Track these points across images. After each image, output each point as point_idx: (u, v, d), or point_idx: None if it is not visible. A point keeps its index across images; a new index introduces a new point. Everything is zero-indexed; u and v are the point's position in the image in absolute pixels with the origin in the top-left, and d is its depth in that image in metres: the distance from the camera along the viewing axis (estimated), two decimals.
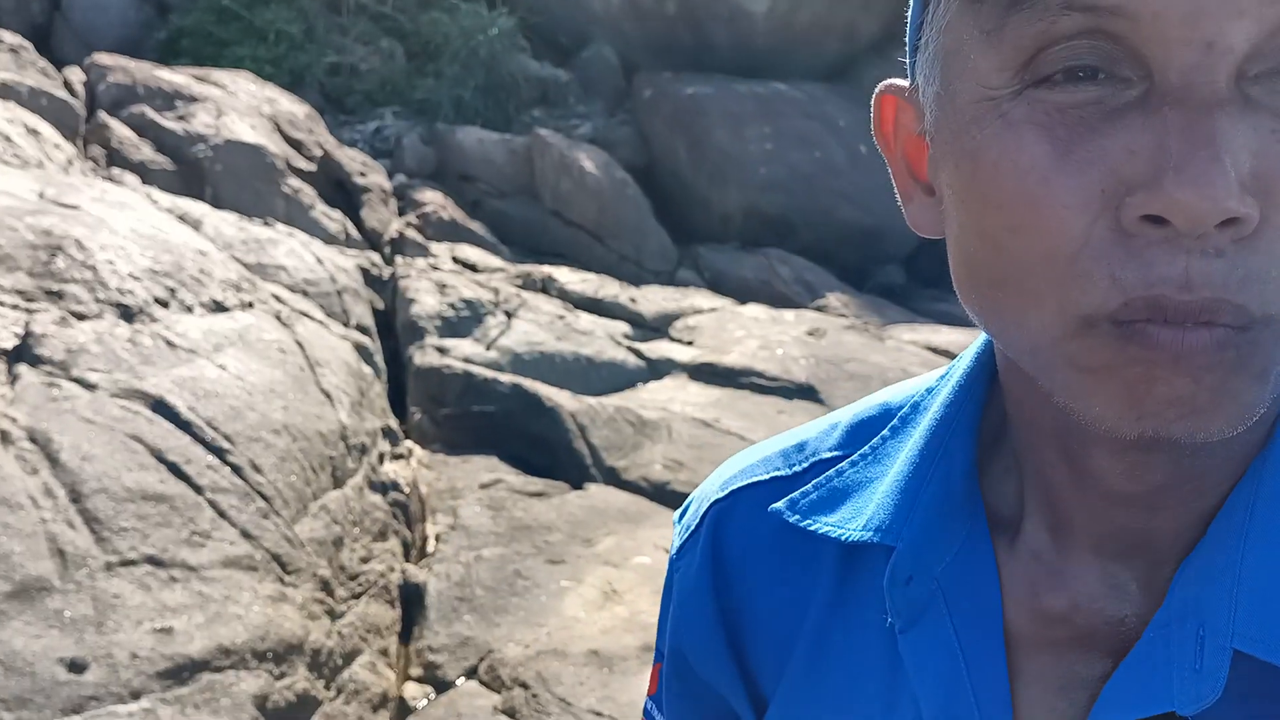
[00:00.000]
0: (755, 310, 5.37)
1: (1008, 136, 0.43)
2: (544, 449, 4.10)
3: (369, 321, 4.59)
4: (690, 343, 5.02)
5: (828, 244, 6.91)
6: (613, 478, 3.97)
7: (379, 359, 4.33)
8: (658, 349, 4.92)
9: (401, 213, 6.27)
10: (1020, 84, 0.43)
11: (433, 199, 6.37)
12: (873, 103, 0.53)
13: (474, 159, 6.81)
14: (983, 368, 0.57)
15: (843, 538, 0.57)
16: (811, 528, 0.58)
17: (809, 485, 0.60)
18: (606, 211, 6.57)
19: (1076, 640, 0.52)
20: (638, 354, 4.85)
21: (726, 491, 0.64)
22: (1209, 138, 0.39)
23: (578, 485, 3.90)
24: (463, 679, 2.83)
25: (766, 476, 0.63)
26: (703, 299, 5.58)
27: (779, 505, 0.60)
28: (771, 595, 0.61)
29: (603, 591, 3.26)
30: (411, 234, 5.95)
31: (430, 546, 3.43)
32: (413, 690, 2.80)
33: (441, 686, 2.80)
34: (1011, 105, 0.43)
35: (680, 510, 0.69)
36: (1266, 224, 0.40)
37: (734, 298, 5.95)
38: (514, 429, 4.17)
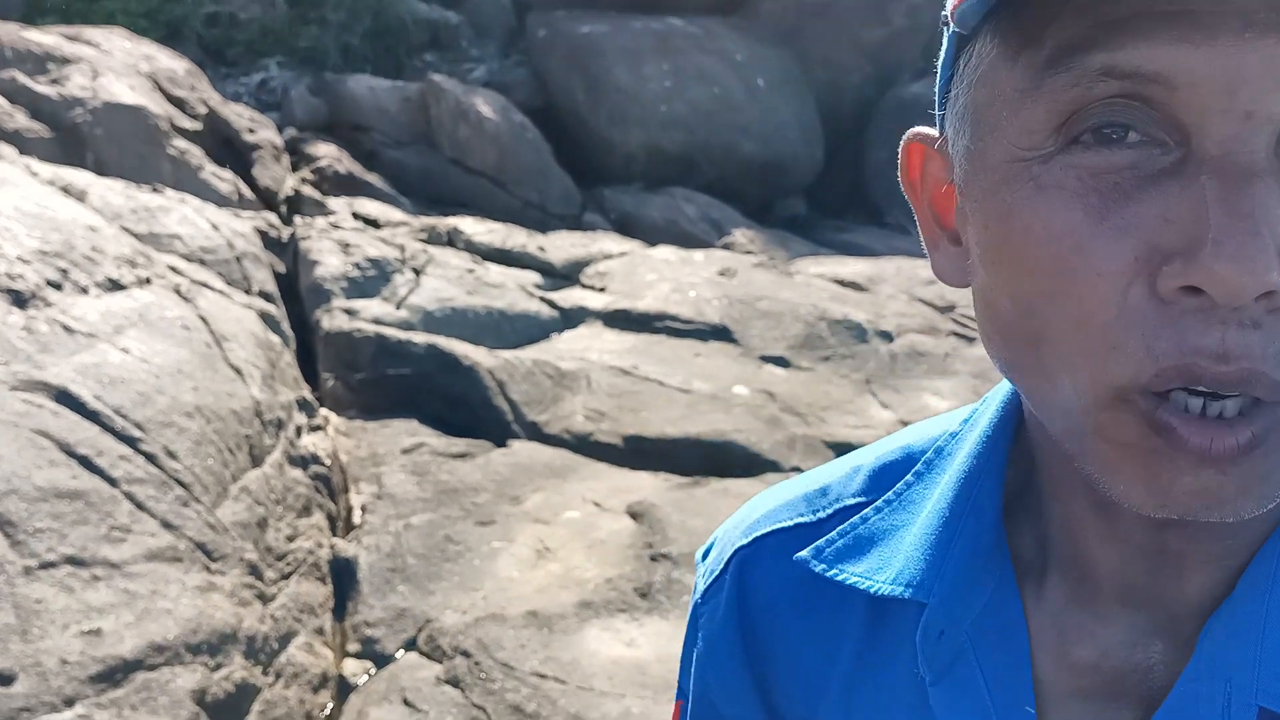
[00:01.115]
0: (665, 252, 5.36)
1: (1040, 201, 0.43)
2: (464, 408, 4.06)
3: (272, 287, 4.46)
4: (603, 289, 4.99)
5: (731, 180, 6.92)
6: (535, 433, 3.96)
7: (286, 326, 4.22)
8: (570, 297, 4.89)
9: (295, 168, 6.07)
10: (1054, 146, 0.43)
11: (327, 152, 6.18)
12: (900, 150, 0.53)
13: (366, 108, 6.62)
14: (1008, 417, 0.57)
15: (872, 590, 0.57)
16: (839, 578, 0.59)
17: (834, 533, 0.60)
18: (507, 157, 6.46)
19: (1105, 689, 0.53)
20: (551, 304, 4.82)
21: (751, 538, 0.64)
22: (1248, 210, 0.39)
23: (501, 443, 3.88)
24: (402, 651, 2.82)
25: (791, 523, 0.63)
26: (611, 243, 5.55)
27: (804, 554, 0.60)
28: (799, 643, 0.61)
29: (535, 550, 3.26)
30: (308, 190, 5.77)
31: (357, 518, 3.38)
32: (352, 667, 2.78)
33: (381, 661, 2.79)
34: (1044, 169, 0.43)
35: (702, 550, 0.69)
36: None
37: (642, 239, 5.93)
38: (431, 390, 4.11)
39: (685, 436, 3.86)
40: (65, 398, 2.75)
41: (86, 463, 2.61)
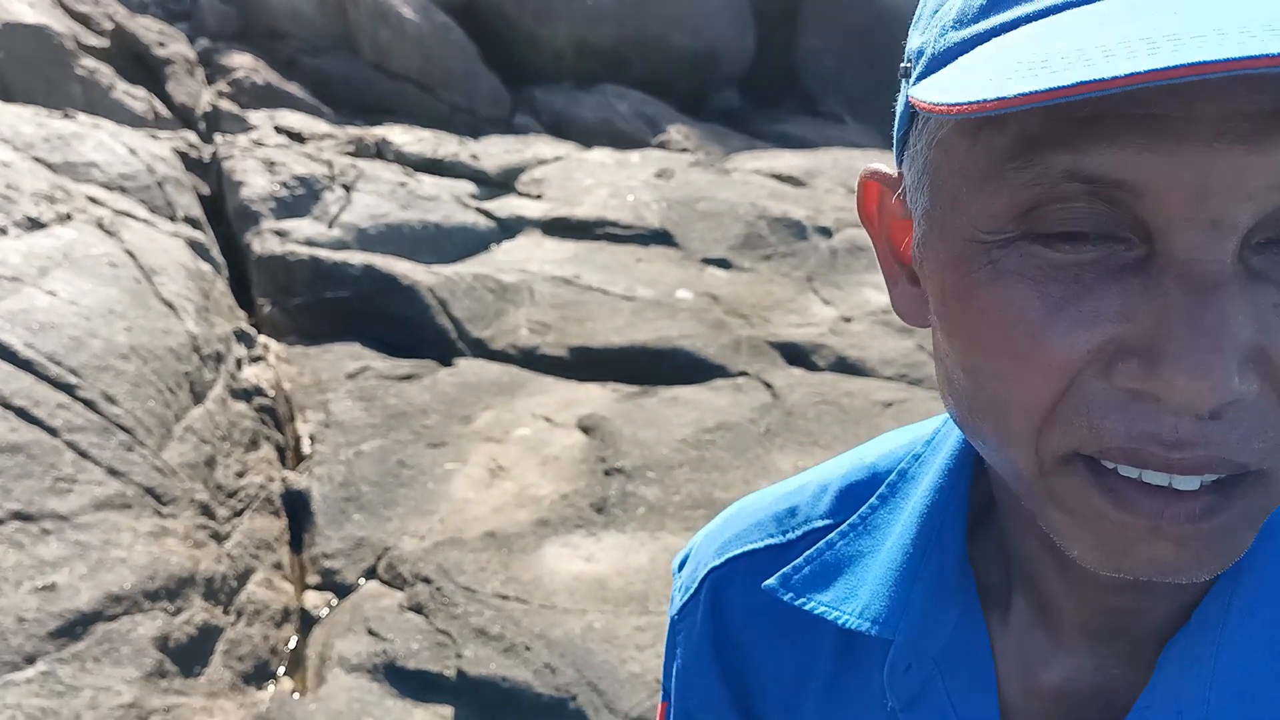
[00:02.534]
0: (601, 155, 5.28)
1: (997, 286, 0.42)
2: (406, 328, 4.01)
3: (198, 212, 4.33)
4: (539, 196, 4.92)
5: (662, 74, 6.79)
6: (481, 349, 3.93)
7: (216, 253, 4.11)
8: (507, 206, 4.81)
9: (210, 81, 5.84)
10: (1014, 232, 0.41)
11: (243, 63, 5.95)
12: (857, 184, 0.52)
13: (281, 13, 6.35)
14: (970, 449, 0.57)
15: (840, 622, 0.58)
16: (806, 607, 0.59)
17: (800, 559, 0.61)
18: (432, 60, 6.27)
19: (1069, 714, 0.54)
20: (487, 214, 4.74)
21: (723, 559, 0.65)
22: (1211, 325, 0.38)
23: (446, 362, 3.85)
24: (363, 580, 2.83)
25: (761, 545, 0.64)
26: (545, 146, 5.45)
27: (772, 582, 0.61)
28: (774, 664, 0.62)
29: (488, 469, 3.27)
30: (226, 105, 5.56)
31: (306, 448, 3.36)
32: (313, 599, 2.79)
33: (342, 591, 2.80)
34: (1003, 253, 0.42)
35: (679, 560, 0.70)
36: (1267, 387, 0.40)
37: (576, 141, 5.83)
38: (372, 311, 4.05)
39: (631, 345, 3.86)
40: None
41: (24, 414, 2.55)
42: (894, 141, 0.49)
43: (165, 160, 4.37)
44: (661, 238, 4.61)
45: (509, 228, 4.68)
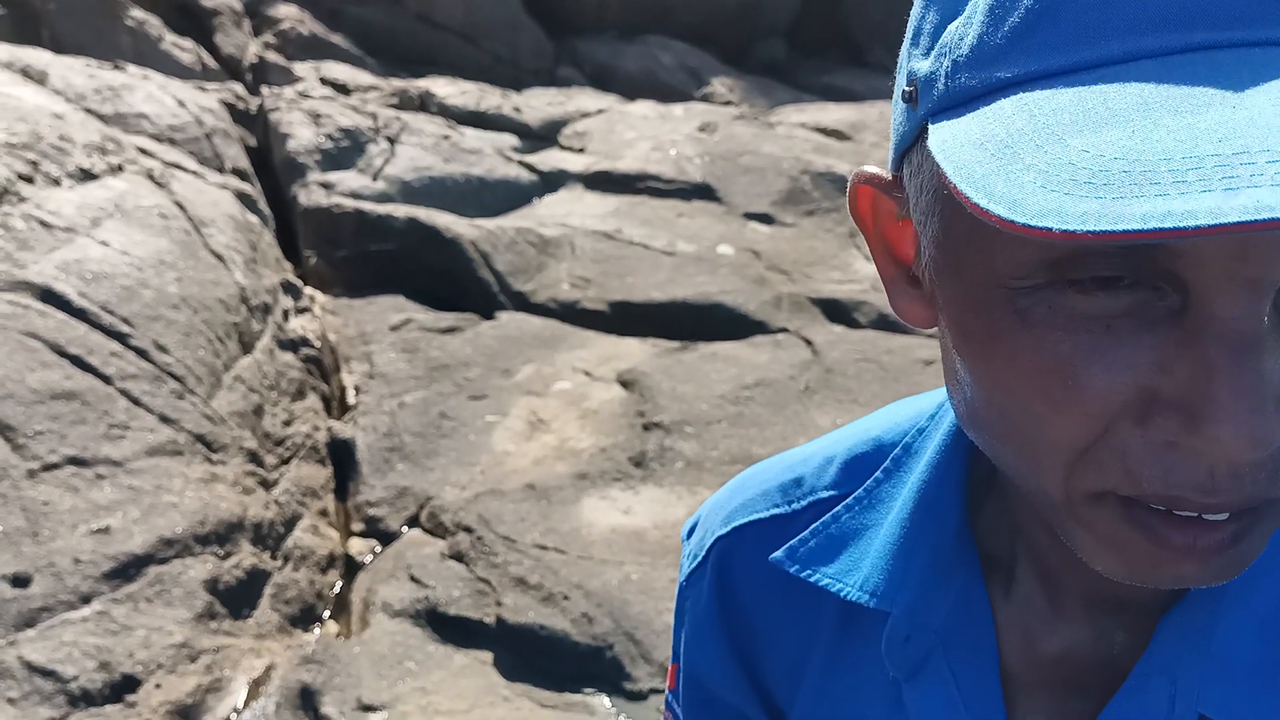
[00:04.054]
0: (643, 108, 5.25)
1: (1026, 335, 0.41)
2: (449, 281, 4.05)
3: (245, 164, 4.38)
4: (582, 150, 4.92)
5: (707, 24, 6.72)
6: (522, 303, 3.96)
7: (263, 205, 4.17)
8: (549, 160, 4.82)
9: (257, 33, 5.87)
10: (1042, 280, 0.40)
11: (288, 14, 5.96)
12: (849, 186, 0.51)
13: None
14: None
15: (842, 594, 0.59)
16: (811, 579, 0.61)
17: (806, 532, 0.62)
18: (474, 10, 6.25)
19: (1069, 681, 0.55)
20: (530, 168, 4.75)
21: (729, 528, 0.66)
22: (1252, 383, 0.38)
23: (488, 315, 3.89)
24: (406, 529, 2.90)
25: (766, 514, 0.65)
26: (588, 99, 5.44)
27: (779, 555, 0.62)
28: (778, 632, 0.64)
29: (529, 422, 3.32)
30: (272, 56, 5.59)
31: (351, 398, 3.42)
32: (358, 546, 2.86)
33: (386, 539, 2.87)
34: (1030, 302, 0.41)
35: (687, 527, 0.71)
36: None
37: (619, 93, 5.81)
38: (415, 264, 4.10)
39: (672, 300, 3.87)
40: (50, 296, 2.73)
41: (79, 362, 2.62)
42: (892, 149, 0.48)
43: (213, 112, 4.42)
44: (703, 192, 4.60)
45: (551, 181, 4.69)
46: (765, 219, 4.50)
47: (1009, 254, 0.41)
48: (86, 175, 3.26)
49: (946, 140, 0.40)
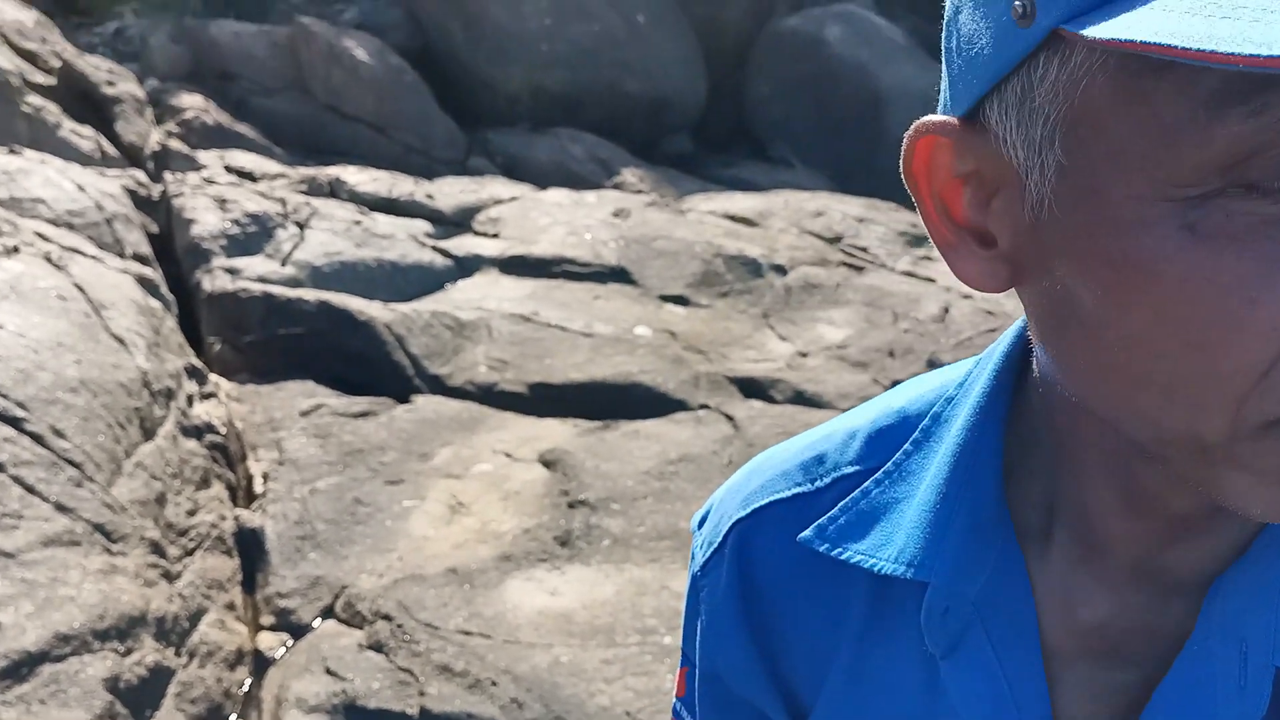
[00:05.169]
0: (557, 195, 5.28)
1: (1199, 250, 0.38)
2: (362, 365, 3.95)
3: (147, 249, 4.25)
4: (496, 235, 4.90)
5: (616, 118, 6.84)
6: (439, 386, 3.88)
7: (165, 290, 4.04)
8: (464, 245, 4.78)
9: (160, 122, 5.77)
10: (1216, 185, 0.37)
11: (193, 103, 5.89)
12: (906, 141, 0.47)
13: (233, 55, 6.31)
14: (1004, 384, 0.56)
15: (876, 569, 0.56)
16: (842, 556, 0.58)
17: (835, 510, 0.59)
18: (386, 101, 6.25)
19: (1112, 650, 0.53)
20: (444, 253, 4.71)
21: (749, 510, 0.62)
22: None
23: (403, 399, 3.79)
24: (319, 620, 2.75)
25: (789, 493, 0.61)
26: (501, 187, 5.44)
27: (807, 534, 0.59)
28: (804, 616, 0.60)
29: (448, 506, 3.22)
30: (175, 144, 5.49)
31: (259, 486, 3.28)
32: (268, 640, 2.71)
33: (298, 631, 2.72)
34: (1201, 213, 0.38)
35: (697, 518, 0.67)
36: None
37: (531, 182, 5.83)
38: (327, 348, 3.99)
39: (591, 380, 3.84)
40: None
41: None
42: (963, 95, 0.45)
43: (114, 197, 4.30)
44: (619, 275, 4.61)
45: (466, 266, 4.65)
46: (680, 301, 4.52)
47: (1179, 159, 0.38)
48: None
49: (1131, 24, 0.36)
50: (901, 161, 0.48)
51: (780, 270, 4.80)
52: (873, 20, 7.73)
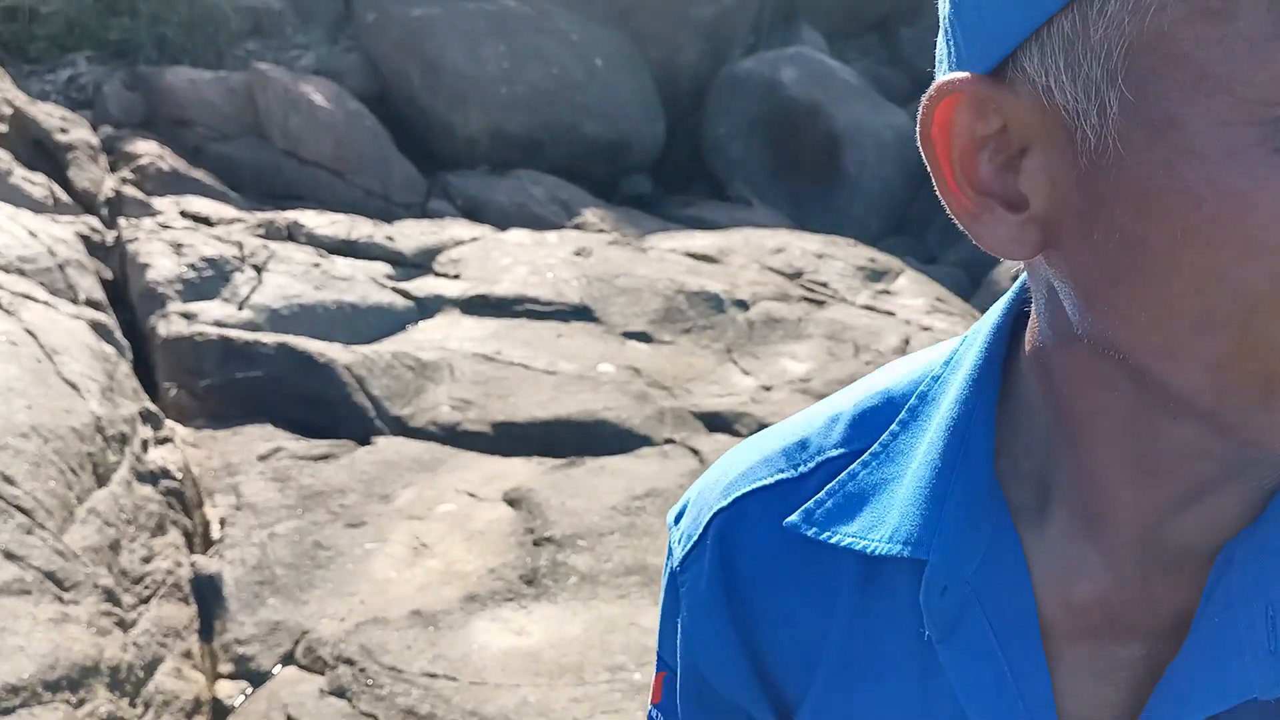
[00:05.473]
0: (519, 235, 5.27)
1: None
2: (322, 408, 3.90)
3: (100, 295, 4.18)
4: (457, 276, 4.88)
5: (576, 160, 6.86)
6: (400, 427, 3.83)
7: (119, 335, 3.97)
8: (425, 286, 4.75)
9: (114, 168, 5.71)
10: None
11: (148, 150, 5.83)
12: (925, 101, 0.45)
13: (188, 101, 6.28)
14: (994, 358, 0.55)
15: (868, 550, 0.55)
16: (832, 540, 0.56)
17: (822, 493, 0.57)
18: (344, 146, 6.23)
19: (1112, 625, 0.52)
20: (404, 294, 4.67)
21: (730, 499, 0.61)
22: None
23: (364, 441, 3.74)
24: (279, 666, 2.68)
25: (771, 480, 0.60)
26: (462, 229, 5.43)
27: (794, 519, 0.57)
28: (790, 606, 0.58)
29: (411, 548, 3.16)
30: (130, 191, 5.43)
31: (216, 532, 3.20)
32: (227, 688, 2.63)
33: (258, 679, 2.65)
34: None
35: (674, 513, 0.65)
36: None
37: (492, 224, 5.82)
38: (285, 391, 3.93)
39: (555, 418, 3.80)
40: None
41: None
42: (968, 48, 0.43)
43: (67, 243, 4.23)
44: (582, 313, 4.60)
45: (427, 307, 4.62)
46: (644, 337, 4.51)
47: (1272, 74, 0.36)
48: None
49: None
50: (919, 126, 0.45)
51: (742, 305, 4.81)
52: (826, 62, 7.84)
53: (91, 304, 4.01)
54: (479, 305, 4.59)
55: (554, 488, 3.32)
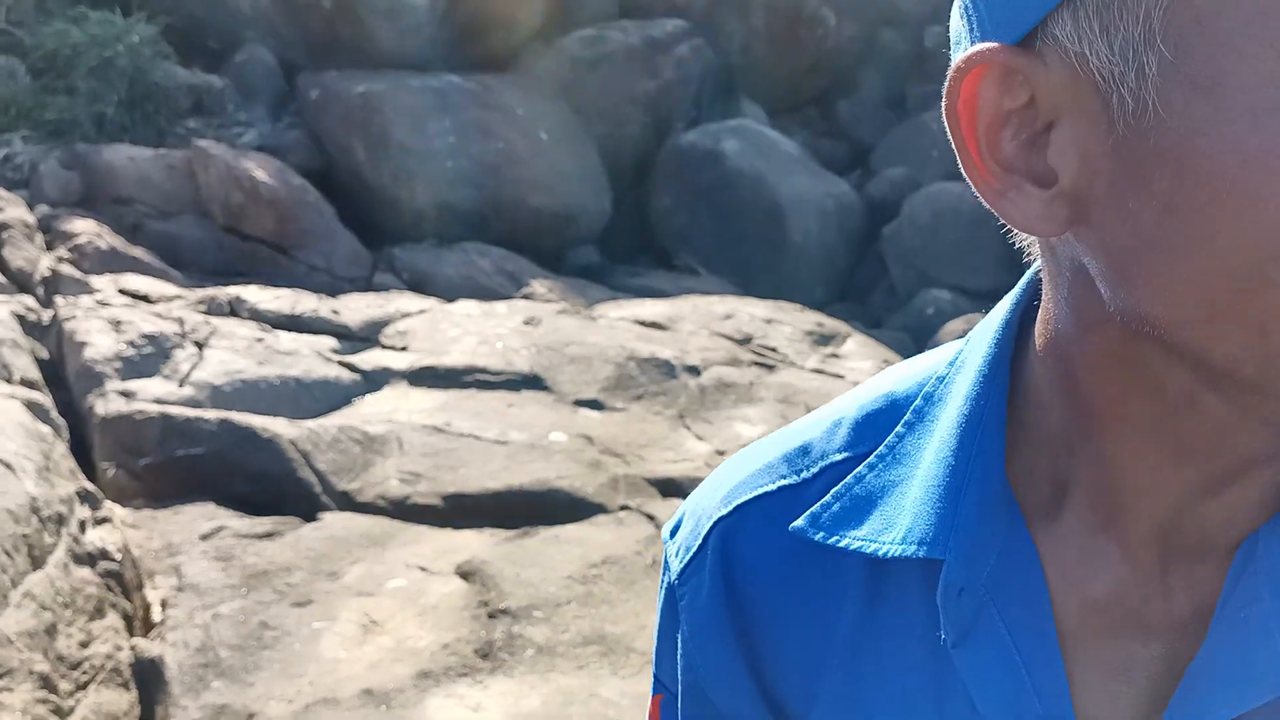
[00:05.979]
0: (467, 306, 5.24)
1: None
2: (266, 484, 3.80)
3: (35, 374, 4.07)
4: (405, 348, 4.82)
5: (522, 232, 6.89)
6: (348, 502, 3.74)
7: (55, 415, 3.85)
8: (371, 359, 4.69)
9: (50, 247, 5.61)
10: None
11: (85, 228, 5.74)
12: (951, 76, 0.44)
13: (127, 179, 6.21)
14: (1003, 355, 0.53)
15: (880, 553, 0.53)
16: (840, 544, 0.54)
17: (828, 497, 0.56)
18: (287, 221, 6.19)
19: (1126, 624, 0.50)
20: (351, 367, 4.60)
21: (731, 507, 0.58)
22: None
23: (310, 517, 3.64)
24: None
25: (774, 486, 0.58)
26: (409, 301, 5.39)
27: (800, 523, 0.55)
28: (794, 615, 0.56)
29: (361, 625, 3.07)
30: (66, 269, 5.33)
31: (157, 614, 3.08)
32: None
33: None
34: None
35: (669, 527, 0.63)
36: None
37: (439, 297, 5.79)
38: (228, 468, 3.83)
39: (508, 489, 3.74)
40: None
41: None
42: (992, 18, 0.42)
43: (1, 322, 4.13)
44: (532, 382, 4.56)
45: (374, 380, 4.55)
46: (595, 405, 4.47)
47: None
48: None
49: None
50: (945, 101, 0.44)
51: (694, 371, 4.81)
52: (767, 134, 7.99)
53: (26, 383, 3.90)
54: (427, 377, 4.54)
55: (508, 559, 3.25)
